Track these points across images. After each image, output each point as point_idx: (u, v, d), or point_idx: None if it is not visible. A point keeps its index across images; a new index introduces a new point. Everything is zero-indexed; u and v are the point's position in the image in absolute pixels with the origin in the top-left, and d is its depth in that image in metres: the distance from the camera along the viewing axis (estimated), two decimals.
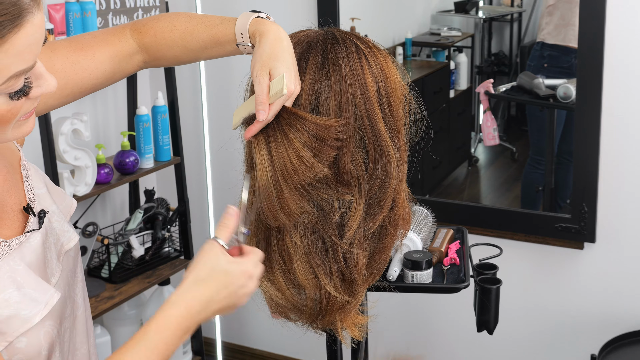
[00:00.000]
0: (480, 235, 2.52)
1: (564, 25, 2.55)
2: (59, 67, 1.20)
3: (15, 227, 1.07)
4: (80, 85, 1.23)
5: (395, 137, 1.22)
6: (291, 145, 1.14)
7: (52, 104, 1.22)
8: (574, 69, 2.38)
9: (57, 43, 1.22)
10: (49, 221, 1.12)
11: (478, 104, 2.88)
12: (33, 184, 1.13)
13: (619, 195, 2.36)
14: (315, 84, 1.16)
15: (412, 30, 2.92)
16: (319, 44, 1.19)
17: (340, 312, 1.27)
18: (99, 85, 1.26)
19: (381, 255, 1.28)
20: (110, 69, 1.25)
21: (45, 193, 1.15)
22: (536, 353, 2.60)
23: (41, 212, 1.09)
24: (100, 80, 1.25)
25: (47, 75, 0.97)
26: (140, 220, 2.65)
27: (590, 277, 2.46)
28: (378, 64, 1.20)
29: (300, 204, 1.17)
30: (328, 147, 1.15)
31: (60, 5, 2.31)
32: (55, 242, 1.13)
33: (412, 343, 2.81)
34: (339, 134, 1.15)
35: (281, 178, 1.15)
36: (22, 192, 1.11)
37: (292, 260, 1.23)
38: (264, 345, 3.13)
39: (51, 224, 1.12)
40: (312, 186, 1.16)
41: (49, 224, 1.11)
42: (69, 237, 1.16)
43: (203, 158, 2.96)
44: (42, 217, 1.09)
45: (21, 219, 1.09)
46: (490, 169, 2.98)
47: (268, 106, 1.12)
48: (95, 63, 1.23)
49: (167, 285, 2.78)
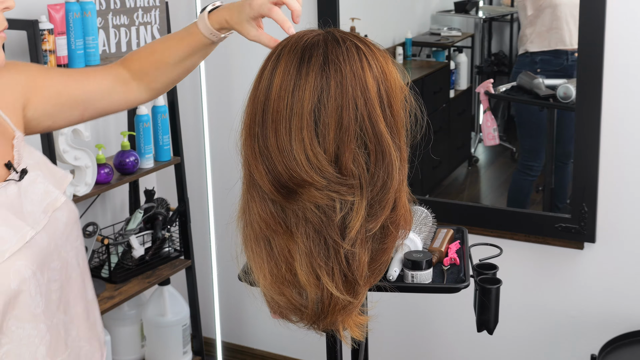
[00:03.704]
0: (480, 235, 2.52)
1: (547, 31, 2.58)
2: (54, 77, 1.36)
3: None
4: (74, 97, 1.37)
5: (396, 137, 1.22)
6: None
7: (49, 112, 1.35)
8: (568, 70, 2.40)
9: (54, 67, 1.43)
10: (33, 181, 1.23)
11: (478, 104, 2.88)
12: (23, 155, 1.25)
13: (619, 195, 2.36)
14: (316, 84, 1.16)
15: (412, 30, 2.92)
16: (319, 45, 1.19)
17: (342, 312, 1.27)
18: (96, 101, 1.40)
19: (383, 255, 1.28)
20: (105, 86, 1.41)
21: (34, 164, 1.25)
22: (536, 353, 2.61)
23: (23, 170, 1.22)
24: (94, 95, 1.40)
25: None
26: (140, 220, 2.65)
27: (590, 277, 2.46)
28: (378, 64, 1.20)
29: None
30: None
31: (60, 5, 2.31)
32: (41, 200, 1.22)
33: (412, 343, 2.81)
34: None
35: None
36: (10, 157, 1.23)
37: (293, 261, 1.23)
38: (264, 345, 3.14)
39: (36, 184, 1.23)
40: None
41: (33, 183, 1.22)
42: (55, 197, 1.25)
43: (203, 158, 2.97)
44: (22, 174, 1.21)
45: (3, 176, 1.21)
46: (490, 169, 2.98)
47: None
48: (88, 79, 1.40)
49: (167, 285, 2.78)
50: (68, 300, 1.26)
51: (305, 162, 1.17)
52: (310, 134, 1.17)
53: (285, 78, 1.17)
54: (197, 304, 2.89)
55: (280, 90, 1.17)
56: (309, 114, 1.16)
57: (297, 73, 1.17)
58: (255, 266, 1.28)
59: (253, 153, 1.22)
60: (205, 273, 3.08)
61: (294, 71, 1.17)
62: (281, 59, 1.19)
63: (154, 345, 2.83)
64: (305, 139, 1.17)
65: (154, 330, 2.81)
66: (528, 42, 2.63)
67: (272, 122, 1.18)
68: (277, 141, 1.18)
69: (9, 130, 1.26)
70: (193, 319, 2.88)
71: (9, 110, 1.28)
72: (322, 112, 1.16)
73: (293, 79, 1.17)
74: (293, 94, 1.16)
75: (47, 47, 2.24)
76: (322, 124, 1.16)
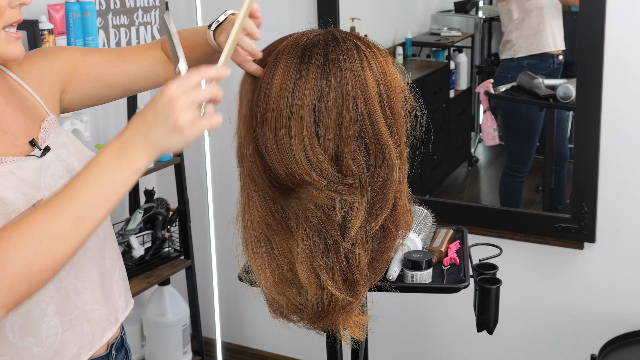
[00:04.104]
0: (480, 235, 2.52)
1: (534, 34, 2.58)
2: (92, 62, 1.41)
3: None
4: (113, 80, 1.42)
5: (396, 137, 1.22)
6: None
7: (90, 94, 1.41)
8: (553, 74, 2.41)
9: (93, 48, 1.46)
10: (56, 158, 1.28)
11: (478, 104, 2.88)
12: (50, 135, 1.30)
13: (619, 195, 2.36)
14: (316, 84, 1.17)
15: (412, 30, 2.92)
16: (319, 45, 1.19)
17: (342, 312, 1.27)
18: (134, 83, 1.44)
19: (383, 255, 1.28)
20: (143, 70, 1.44)
21: (60, 143, 1.30)
22: (536, 353, 2.61)
23: (46, 147, 1.27)
24: (132, 79, 1.44)
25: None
26: (140, 220, 2.65)
27: (590, 277, 2.46)
28: (378, 64, 1.20)
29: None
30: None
31: (60, 5, 2.31)
32: (62, 175, 1.27)
33: (412, 343, 2.81)
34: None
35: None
36: (36, 136, 1.28)
37: (294, 261, 1.23)
38: (264, 345, 3.14)
39: (58, 160, 1.28)
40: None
41: (55, 160, 1.28)
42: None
43: (203, 158, 2.96)
44: (45, 151, 1.26)
45: (27, 152, 1.25)
46: (490, 169, 2.98)
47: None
48: (126, 62, 1.43)
49: (167, 285, 2.78)
50: (82, 266, 1.29)
51: (305, 162, 1.17)
52: (310, 133, 1.17)
53: (285, 77, 1.17)
54: (197, 304, 2.89)
55: (281, 89, 1.17)
56: (309, 114, 1.16)
57: (298, 72, 1.17)
58: (255, 266, 1.29)
59: (252, 152, 1.22)
60: (205, 273, 3.08)
61: (294, 71, 1.17)
62: (281, 59, 1.19)
63: (154, 345, 2.83)
64: (305, 139, 1.17)
65: (154, 330, 2.81)
66: (514, 47, 2.63)
67: (272, 122, 1.18)
68: (277, 140, 1.18)
69: (41, 112, 1.32)
70: (193, 319, 2.88)
71: (45, 94, 1.35)
72: (322, 112, 1.16)
73: (293, 79, 1.17)
74: (293, 94, 1.17)
75: (47, 47, 2.24)
76: (322, 123, 1.17)
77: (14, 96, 1.29)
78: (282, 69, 1.18)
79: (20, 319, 1.21)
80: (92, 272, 1.31)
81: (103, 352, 1.35)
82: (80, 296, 1.29)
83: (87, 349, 1.30)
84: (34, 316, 1.22)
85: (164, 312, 2.79)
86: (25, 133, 1.27)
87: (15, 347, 1.21)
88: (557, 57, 2.57)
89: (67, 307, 1.27)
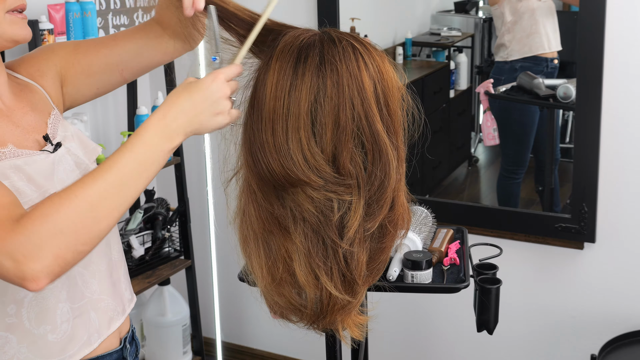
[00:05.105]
0: (480, 235, 2.52)
1: (527, 37, 2.58)
2: (84, 49, 1.40)
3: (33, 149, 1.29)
4: (106, 62, 1.40)
5: (393, 136, 1.22)
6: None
7: (87, 82, 1.41)
8: (549, 78, 2.41)
9: (85, 39, 1.48)
10: (67, 153, 1.31)
11: (478, 104, 2.88)
12: (58, 129, 1.33)
13: (619, 195, 2.36)
14: (312, 84, 1.16)
15: (412, 30, 2.92)
16: (315, 45, 1.19)
17: (341, 312, 1.27)
18: (128, 61, 1.41)
19: (381, 255, 1.28)
20: (135, 45, 1.41)
21: (68, 136, 1.34)
22: (536, 353, 2.60)
23: (58, 143, 1.30)
24: (124, 57, 1.41)
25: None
26: (140, 220, 2.65)
27: (590, 277, 2.46)
28: (375, 64, 1.20)
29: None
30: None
31: (60, 5, 2.31)
32: (73, 169, 1.31)
33: (412, 343, 2.81)
34: None
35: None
36: (45, 129, 1.31)
37: (292, 261, 1.23)
38: (264, 345, 3.14)
39: (69, 155, 1.32)
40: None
41: (66, 155, 1.31)
42: (86, 168, 1.35)
43: (203, 158, 2.96)
44: (57, 147, 1.30)
45: (40, 146, 1.29)
46: (490, 169, 2.98)
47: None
48: (116, 41, 1.41)
49: (167, 285, 2.78)
50: (90, 256, 1.32)
51: (302, 162, 1.17)
52: (308, 133, 1.17)
53: (281, 78, 1.17)
54: (197, 304, 2.89)
55: (277, 90, 1.17)
56: (306, 114, 1.16)
57: (294, 73, 1.17)
58: (254, 267, 1.29)
59: (250, 153, 1.22)
60: (205, 273, 3.08)
61: (290, 71, 1.17)
62: (277, 59, 1.19)
63: (154, 345, 2.83)
64: (303, 139, 1.17)
65: (154, 330, 2.81)
66: (507, 50, 2.63)
67: (269, 122, 1.18)
68: (274, 141, 1.18)
69: (48, 106, 1.36)
70: (193, 319, 2.88)
71: (49, 88, 1.38)
72: (319, 112, 1.16)
73: (289, 79, 1.17)
74: (290, 94, 1.17)
75: (45, 45, 2.24)
76: (319, 123, 1.16)
77: (23, 92, 1.32)
78: (278, 69, 1.18)
79: (36, 306, 1.25)
80: (100, 263, 1.35)
81: (117, 346, 1.39)
82: (88, 286, 1.33)
83: (95, 336, 1.33)
84: (49, 303, 1.26)
85: (164, 312, 2.79)
86: (35, 128, 1.30)
87: (31, 334, 1.25)
88: (552, 61, 2.57)
89: (76, 295, 1.30)
